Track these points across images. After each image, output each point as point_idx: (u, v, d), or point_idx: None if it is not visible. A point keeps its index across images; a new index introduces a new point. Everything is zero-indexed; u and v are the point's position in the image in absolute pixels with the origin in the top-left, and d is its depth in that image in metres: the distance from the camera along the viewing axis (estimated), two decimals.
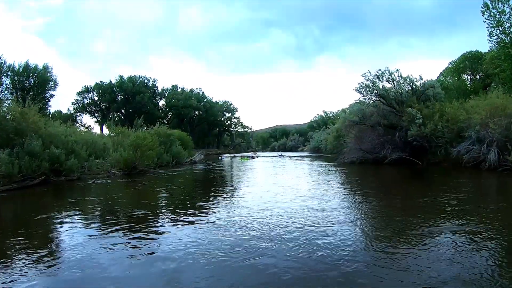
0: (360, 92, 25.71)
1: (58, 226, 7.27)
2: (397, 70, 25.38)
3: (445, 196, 10.39)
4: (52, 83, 46.02)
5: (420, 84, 24.85)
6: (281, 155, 53.00)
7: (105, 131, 36.16)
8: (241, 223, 7.00)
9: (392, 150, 23.34)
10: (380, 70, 25.42)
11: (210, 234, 6.22)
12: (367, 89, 25.63)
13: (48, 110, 48.23)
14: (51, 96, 46.92)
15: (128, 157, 19.31)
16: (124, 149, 20.11)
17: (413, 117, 22.91)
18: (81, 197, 11.88)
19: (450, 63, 45.61)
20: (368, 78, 25.21)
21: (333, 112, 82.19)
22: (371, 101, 26.82)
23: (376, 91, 25.08)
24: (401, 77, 25.41)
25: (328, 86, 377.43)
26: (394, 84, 25.28)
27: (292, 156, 48.34)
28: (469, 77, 44.56)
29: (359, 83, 25.42)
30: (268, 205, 9.13)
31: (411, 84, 24.66)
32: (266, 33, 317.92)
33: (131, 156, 19.37)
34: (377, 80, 25.68)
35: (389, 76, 25.35)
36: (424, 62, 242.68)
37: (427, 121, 22.51)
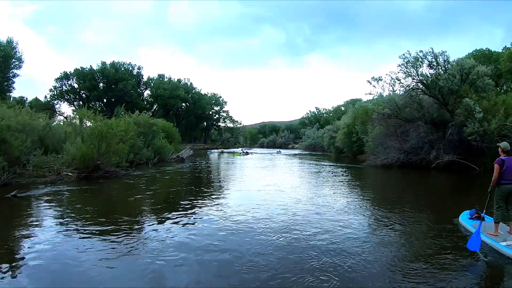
0: (397, 79, 19.68)
1: None
2: (442, 52, 19.50)
3: None
4: (17, 60, 37.52)
5: (472, 71, 18.91)
6: (279, 151, 49.11)
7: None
8: None
9: (443, 151, 17.38)
10: (421, 51, 19.46)
11: None
12: (403, 74, 19.68)
13: (12, 94, 40.21)
14: (15, 75, 38.39)
15: (87, 151, 12.55)
16: (83, 140, 13.36)
17: (470, 110, 17.08)
18: None
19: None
20: (408, 60, 19.18)
21: (326, 109, 76.84)
22: (404, 90, 20.90)
23: (419, 77, 19.08)
24: (448, 61, 19.54)
25: (318, 84, 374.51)
26: (438, 69, 19.37)
27: (293, 154, 42.01)
28: None
29: (398, 65, 19.40)
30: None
31: (461, 70, 18.71)
32: (257, 29, 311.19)
33: (91, 151, 12.62)
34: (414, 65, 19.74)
35: (433, 59, 19.41)
36: None
37: (489, 116, 16.75)
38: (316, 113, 78.29)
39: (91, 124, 16.01)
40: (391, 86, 21.84)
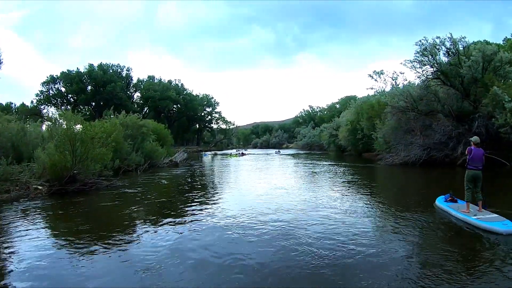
0: (413, 68, 17.59)
1: None
2: (461, 38, 17.46)
3: None
4: None
5: (495, 58, 16.86)
6: (278, 151, 47.22)
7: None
8: None
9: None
10: (438, 37, 17.39)
11: None
12: (421, 63, 17.61)
13: None
14: None
15: (59, 159, 10.01)
16: (56, 146, 10.81)
17: (498, 100, 15.05)
18: None
19: None
20: (426, 47, 17.07)
21: (320, 107, 74.89)
22: (414, 80, 18.95)
23: (437, 66, 16.99)
24: (468, 47, 17.50)
25: (308, 83, 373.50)
26: (458, 57, 17.30)
27: (291, 154, 39.49)
28: None
29: (415, 52, 17.27)
30: None
31: (483, 57, 16.63)
32: (246, 29, 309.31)
33: (64, 158, 10.08)
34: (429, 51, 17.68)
35: (451, 46, 17.36)
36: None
37: None
38: (310, 111, 76.20)
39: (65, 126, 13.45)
40: (394, 80, 20.13)
